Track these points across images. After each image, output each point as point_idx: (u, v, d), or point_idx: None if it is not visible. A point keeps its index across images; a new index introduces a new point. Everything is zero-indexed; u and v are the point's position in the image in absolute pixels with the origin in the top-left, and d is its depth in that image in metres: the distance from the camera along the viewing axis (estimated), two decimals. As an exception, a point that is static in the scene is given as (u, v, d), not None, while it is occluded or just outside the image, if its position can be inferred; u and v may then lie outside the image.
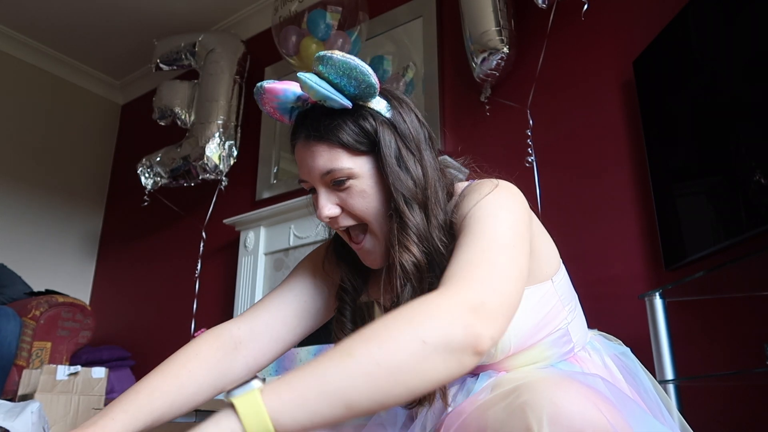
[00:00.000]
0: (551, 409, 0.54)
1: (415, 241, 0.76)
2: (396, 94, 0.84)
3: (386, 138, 0.78)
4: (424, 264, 0.76)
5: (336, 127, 0.77)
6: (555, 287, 0.82)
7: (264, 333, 0.88)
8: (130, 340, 3.37)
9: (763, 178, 1.38)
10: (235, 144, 3.04)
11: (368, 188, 0.79)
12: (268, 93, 0.80)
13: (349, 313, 0.88)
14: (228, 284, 2.99)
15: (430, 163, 0.81)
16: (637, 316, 1.67)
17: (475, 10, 2.13)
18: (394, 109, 0.81)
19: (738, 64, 1.53)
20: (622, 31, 2.08)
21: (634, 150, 1.94)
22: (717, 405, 1.60)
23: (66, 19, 3.56)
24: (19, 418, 1.65)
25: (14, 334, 2.65)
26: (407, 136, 0.80)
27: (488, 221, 0.72)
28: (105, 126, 4.22)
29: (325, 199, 0.81)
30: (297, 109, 0.82)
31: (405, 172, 0.78)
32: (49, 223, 3.76)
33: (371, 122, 0.78)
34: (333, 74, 0.74)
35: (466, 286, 0.63)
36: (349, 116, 0.78)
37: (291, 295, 0.92)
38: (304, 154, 0.80)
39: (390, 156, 0.78)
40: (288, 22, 2.57)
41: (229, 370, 0.85)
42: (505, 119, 2.23)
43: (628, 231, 1.90)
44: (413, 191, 0.77)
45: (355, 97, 0.78)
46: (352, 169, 0.78)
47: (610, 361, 0.87)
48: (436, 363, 0.57)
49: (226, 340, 0.85)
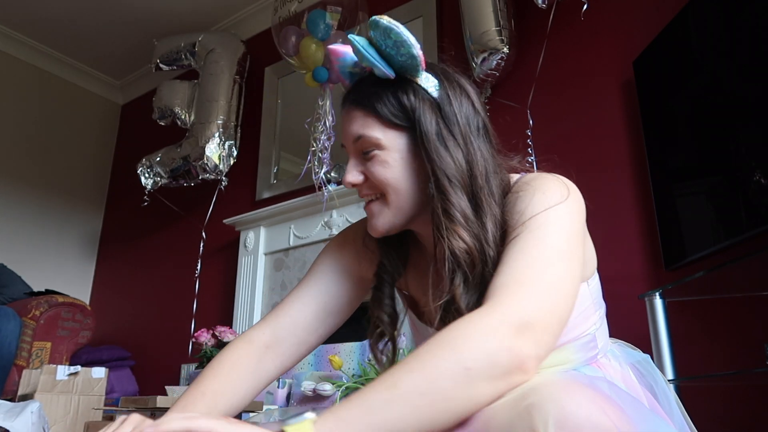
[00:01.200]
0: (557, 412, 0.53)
1: (462, 224, 0.72)
2: (453, 76, 0.81)
3: (426, 116, 0.75)
4: (475, 250, 0.72)
5: (374, 95, 0.77)
6: (590, 290, 0.82)
7: (286, 338, 0.88)
8: (130, 340, 3.37)
9: (763, 178, 1.38)
10: (235, 144, 3.04)
11: (392, 161, 0.77)
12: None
13: (387, 289, 0.86)
14: (228, 284, 2.99)
15: (480, 152, 0.76)
16: (637, 316, 1.67)
17: (475, 10, 2.13)
18: (443, 90, 0.78)
19: (738, 64, 1.53)
20: (622, 31, 2.08)
21: (634, 150, 1.94)
22: (717, 405, 1.60)
23: (66, 19, 3.56)
24: (19, 418, 1.65)
25: (14, 334, 2.65)
26: (451, 119, 0.76)
27: (544, 228, 0.68)
28: (105, 126, 4.22)
29: (352, 165, 0.80)
30: (356, 75, 0.82)
31: (446, 152, 0.74)
32: (49, 223, 3.76)
33: (411, 98, 0.76)
34: (381, 41, 0.73)
35: (511, 303, 0.60)
36: (391, 87, 0.77)
37: (309, 296, 0.90)
38: (345, 118, 0.81)
39: (430, 133, 0.75)
40: (288, 22, 2.57)
41: (264, 374, 0.87)
42: (506, 119, 2.23)
43: (628, 231, 1.90)
44: (456, 173, 0.74)
45: (401, 68, 0.76)
46: (381, 140, 0.76)
47: (629, 370, 0.87)
48: (481, 388, 0.56)
49: (255, 346, 0.86)
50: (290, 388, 2.07)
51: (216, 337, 2.41)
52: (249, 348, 0.86)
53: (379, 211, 0.79)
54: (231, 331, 2.43)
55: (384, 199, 0.79)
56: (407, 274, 0.90)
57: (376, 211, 0.79)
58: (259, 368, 0.86)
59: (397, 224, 0.80)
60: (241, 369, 0.84)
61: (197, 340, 2.43)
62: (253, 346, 0.86)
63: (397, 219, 0.79)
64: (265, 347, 0.87)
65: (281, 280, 2.75)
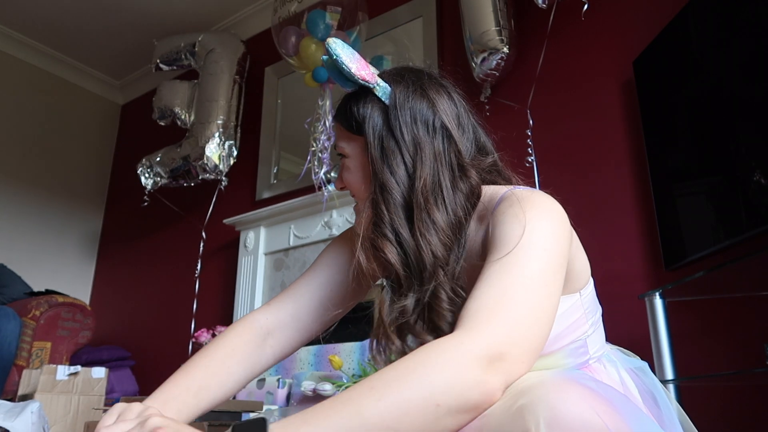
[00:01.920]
0: (548, 412, 0.53)
1: (389, 238, 0.75)
2: (410, 79, 0.81)
3: (372, 123, 0.79)
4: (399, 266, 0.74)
5: (340, 108, 0.84)
6: (582, 300, 0.81)
7: (289, 324, 0.89)
8: (130, 340, 3.37)
9: (763, 178, 1.38)
10: (235, 144, 3.04)
11: (353, 167, 0.83)
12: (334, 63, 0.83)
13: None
14: (228, 284, 2.99)
15: (430, 161, 0.76)
16: (637, 316, 1.67)
17: (475, 10, 2.13)
18: (392, 97, 0.79)
19: (738, 64, 1.53)
20: (622, 31, 2.08)
21: (634, 150, 1.94)
22: (717, 405, 1.60)
23: (66, 19, 3.56)
24: (19, 418, 1.65)
25: (14, 334, 2.65)
26: (396, 127, 0.77)
27: (524, 253, 0.67)
28: (105, 126, 4.22)
29: (340, 172, 0.86)
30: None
31: (384, 161, 0.77)
32: (49, 223, 3.76)
33: (361, 106, 0.80)
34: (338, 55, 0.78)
35: (484, 333, 0.60)
36: (352, 98, 0.82)
37: (316, 283, 0.92)
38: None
39: (373, 145, 0.78)
40: (287, 23, 2.57)
41: (259, 361, 0.87)
42: (506, 119, 2.23)
43: (628, 231, 1.90)
44: (390, 183, 0.76)
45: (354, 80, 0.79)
46: (345, 149, 0.83)
47: (626, 375, 0.86)
48: (448, 422, 0.56)
49: (256, 331, 0.87)
50: (290, 388, 2.07)
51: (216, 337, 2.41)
52: (250, 333, 0.86)
53: (357, 212, 0.86)
54: (231, 331, 2.43)
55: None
56: None
57: (356, 213, 0.87)
58: (256, 355, 0.86)
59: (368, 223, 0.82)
60: (237, 356, 0.84)
61: (197, 340, 2.43)
62: (254, 331, 0.87)
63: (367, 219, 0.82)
64: (266, 333, 0.88)
65: (281, 280, 2.75)
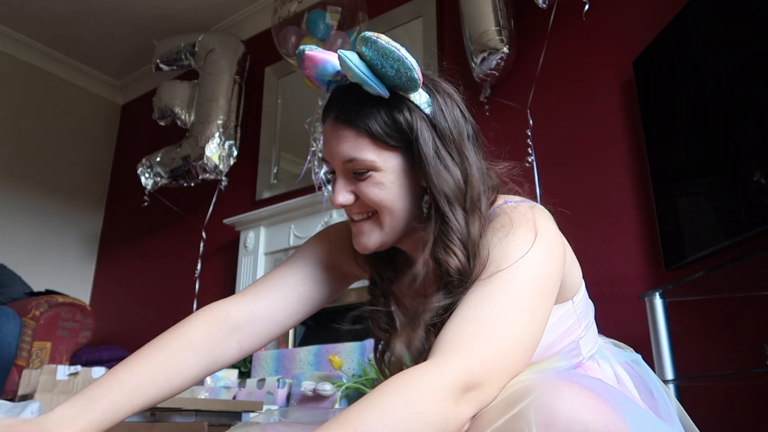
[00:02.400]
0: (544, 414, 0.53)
1: (458, 244, 0.71)
2: (440, 85, 0.78)
3: (423, 134, 0.72)
4: (466, 268, 0.70)
5: (367, 115, 0.72)
6: (575, 307, 0.80)
7: (264, 318, 0.84)
8: (130, 340, 3.37)
9: (763, 178, 1.38)
10: (235, 144, 3.04)
11: (388, 182, 0.74)
12: (307, 60, 0.75)
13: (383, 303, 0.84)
14: (228, 284, 2.99)
15: (474, 165, 0.75)
16: (637, 316, 1.67)
17: (475, 10, 2.13)
18: (435, 104, 0.75)
19: (738, 64, 1.53)
20: (622, 31, 2.08)
21: (634, 150, 1.94)
22: (717, 405, 1.60)
23: (66, 19, 3.56)
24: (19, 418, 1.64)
25: (14, 334, 2.65)
26: (447, 135, 0.74)
27: (511, 276, 0.65)
28: (105, 126, 4.22)
29: (342, 185, 0.76)
30: (335, 83, 0.78)
31: (445, 171, 0.72)
32: (49, 223, 3.76)
33: (407, 116, 0.73)
34: (375, 58, 0.69)
35: (460, 362, 0.58)
36: (384, 105, 0.73)
37: (296, 278, 0.87)
38: (330, 136, 0.76)
39: (428, 154, 0.72)
40: (287, 23, 2.57)
41: (221, 355, 0.82)
42: (506, 119, 2.23)
43: (628, 231, 1.90)
44: (455, 192, 0.72)
45: (394, 86, 0.72)
46: (376, 162, 0.73)
47: (620, 369, 0.85)
48: None
49: (222, 323, 0.82)
50: (290, 388, 2.07)
51: (216, 337, 2.41)
52: (214, 325, 0.81)
53: (370, 230, 0.77)
54: (231, 331, 2.43)
55: (376, 219, 0.77)
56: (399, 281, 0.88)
57: (367, 230, 0.77)
58: (219, 348, 0.81)
59: (388, 243, 0.78)
60: (195, 348, 0.78)
61: (197, 340, 2.43)
62: (217, 324, 0.81)
63: (389, 238, 0.77)
64: (235, 326, 0.82)
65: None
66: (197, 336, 0.80)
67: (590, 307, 0.86)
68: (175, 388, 0.77)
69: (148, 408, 0.76)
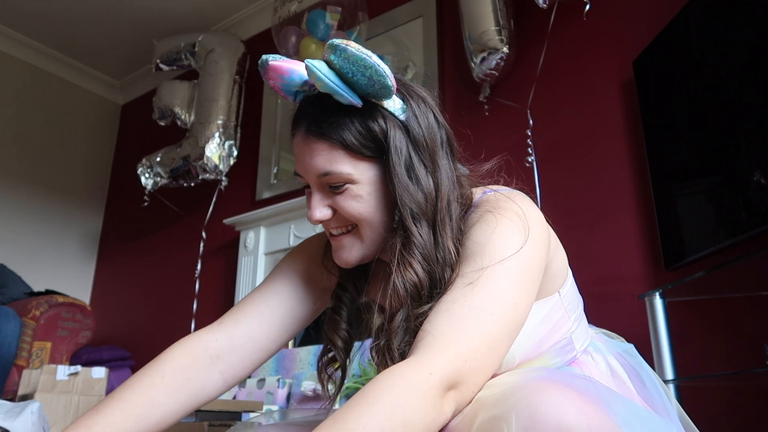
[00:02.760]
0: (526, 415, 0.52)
1: (419, 259, 0.69)
2: (413, 89, 0.75)
3: (397, 144, 0.70)
4: (425, 284, 0.69)
5: (340, 126, 0.70)
6: (562, 299, 0.79)
7: (245, 345, 0.80)
8: (130, 340, 3.37)
9: (763, 178, 1.38)
10: (235, 144, 3.04)
11: (366, 194, 0.72)
12: (272, 71, 0.72)
13: (345, 313, 0.82)
14: (228, 284, 2.99)
15: (445, 173, 0.73)
16: (637, 316, 1.67)
17: (475, 10, 2.13)
18: (409, 110, 0.73)
19: (738, 64, 1.53)
20: (622, 31, 2.08)
21: (634, 150, 1.94)
22: (717, 405, 1.60)
23: (66, 19, 3.56)
24: (19, 418, 1.65)
25: (14, 334, 2.65)
26: (421, 142, 0.72)
27: (491, 270, 0.64)
28: (105, 126, 4.22)
29: (318, 200, 0.74)
30: (302, 93, 0.75)
31: (415, 185, 0.70)
32: (49, 223, 3.76)
33: (381, 124, 0.70)
34: (345, 66, 0.67)
35: (439, 360, 0.58)
36: (357, 115, 0.70)
37: (276, 299, 0.83)
38: (302, 149, 0.73)
39: (399, 165, 0.70)
40: (288, 23, 2.57)
41: (202, 388, 0.78)
42: (506, 119, 2.23)
43: (628, 231, 1.90)
44: (422, 206, 0.70)
45: (366, 94, 0.70)
46: (352, 175, 0.71)
47: (613, 360, 0.84)
48: None
49: (199, 354, 0.78)
50: (290, 388, 2.07)
51: (216, 337, 2.41)
52: (190, 357, 0.77)
53: (351, 244, 0.75)
54: (231, 331, 2.43)
55: (356, 232, 0.75)
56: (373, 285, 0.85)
57: (348, 244, 0.75)
58: (198, 381, 0.77)
59: (370, 254, 0.76)
60: (168, 384, 0.74)
61: (197, 340, 2.43)
62: (193, 355, 0.77)
63: (370, 251, 0.75)
64: (215, 356, 0.78)
65: (281, 280, 2.75)
66: (170, 369, 0.76)
67: (579, 301, 0.84)
68: (153, 427, 0.73)
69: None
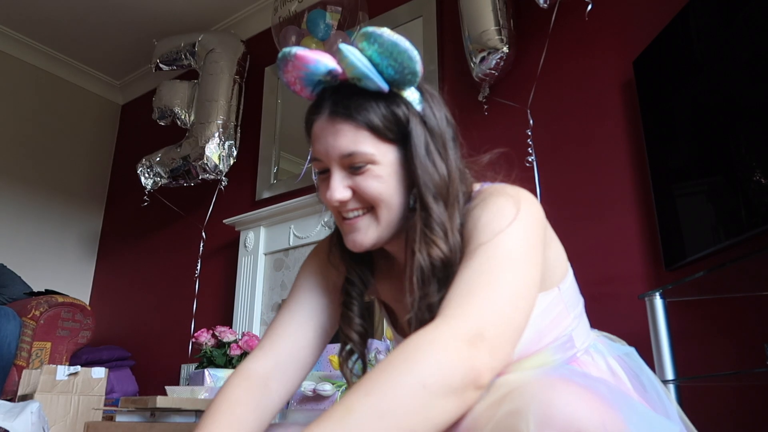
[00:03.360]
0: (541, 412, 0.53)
1: (440, 236, 0.73)
2: (429, 87, 0.80)
3: (416, 129, 0.75)
4: (450, 258, 0.72)
5: (366, 108, 0.73)
6: (561, 294, 0.81)
7: (289, 363, 0.84)
8: (130, 340, 3.37)
9: (763, 178, 1.38)
10: (235, 144, 3.04)
11: (386, 176, 0.75)
12: (297, 60, 0.74)
13: (356, 307, 0.84)
14: (228, 284, 2.99)
15: (455, 162, 0.78)
16: (637, 316, 1.67)
17: (475, 10, 2.12)
18: (425, 103, 0.78)
19: (738, 64, 1.53)
20: (622, 31, 2.08)
21: (634, 150, 1.94)
22: (717, 405, 1.60)
23: (66, 19, 3.56)
24: (19, 418, 1.65)
25: (14, 334, 2.65)
26: (436, 132, 0.77)
27: (496, 239, 0.68)
28: (105, 126, 4.22)
29: (339, 181, 0.76)
30: (323, 84, 0.77)
31: (432, 167, 0.75)
32: (49, 223, 3.76)
33: (404, 110, 0.75)
34: (376, 54, 0.71)
35: (462, 316, 0.60)
36: (381, 100, 0.74)
37: (305, 315, 0.87)
38: (325, 131, 0.75)
39: (420, 148, 0.74)
40: (288, 22, 2.57)
41: (269, 406, 0.82)
42: (505, 119, 2.23)
43: (628, 231, 1.90)
44: (440, 187, 0.74)
45: (392, 81, 0.74)
46: (375, 155, 0.74)
47: (614, 363, 0.85)
48: (438, 407, 0.55)
49: (255, 380, 0.81)
50: (290, 388, 2.07)
51: (216, 337, 2.41)
52: (248, 384, 0.80)
53: (367, 226, 0.77)
54: (231, 331, 2.43)
55: (373, 214, 0.77)
56: (379, 285, 0.89)
57: (364, 226, 0.77)
58: (262, 404, 0.80)
59: (384, 238, 0.78)
60: (243, 410, 0.78)
61: (197, 340, 2.43)
62: (252, 381, 0.81)
63: (385, 233, 0.77)
64: (266, 378, 0.82)
65: (281, 280, 2.75)
66: (242, 396, 0.79)
67: (580, 300, 0.86)
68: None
69: None
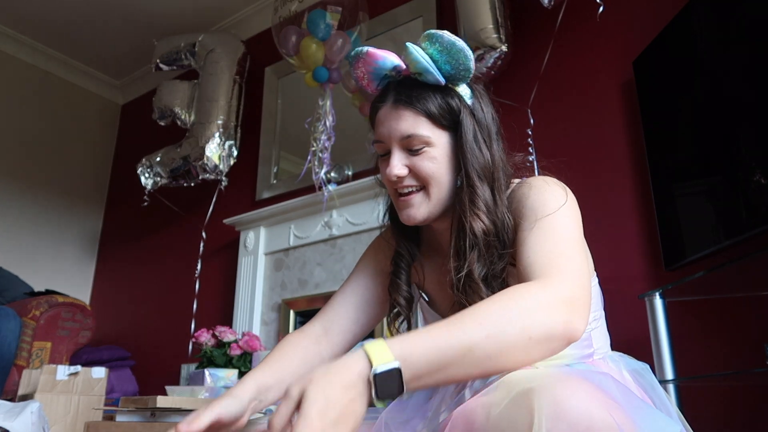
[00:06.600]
0: (554, 407, 0.54)
1: (483, 210, 0.85)
2: (479, 87, 0.93)
3: (466, 119, 0.88)
4: (491, 232, 0.84)
5: (425, 98, 0.86)
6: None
7: (335, 330, 0.99)
8: (130, 340, 3.37)
9: (763, 178, 1.38)
10: (235, 144, 3.04)
11: (440, 157, 0.87)
12: (369, 56, 0.89)
13: (404, 276, 0.97)
14: (228, 284, 2.99)
15: (498, 153, 0.90)
16: (637, 316, 1.67)
17: (472, 8, 2.12)
18: (475, 99, 0.91)
19: (738, 64, 1.53)
20: (622, 31, 2.08)
21: (634, 150, 1.94)
22: (717, 405, 1.60)
23: (66, 19, 3.56)
24: (19, 418, 1.65)
25: (14, 334, 2.65)
26: (483, 124, 0.90)
27: (557, 218, 0.79)
28: (105, 126, 4.22)
29: (398, 159, 0.88)
30: (388, 78, 0.91)
31: (479, 151, 0.87)
32: (49, 223, 3.76)
33: (457, 102, 0.88)
34: (436, 52, 0.84)
35: (558, 282, 0.70)
36: (438, 92, 0.87)
37: (351, 290, 1.02)
38: (389, 116, 0.88)
39: (469, 134, 0.87)
40: (288, 22, 2.57)
41: (319, 355, 0.97)
42: (506, 118, 2.22)
43: (628, 231, 1.90)
44: (486, 170, 0.87)
45: (448, 76, 0.87)
46: (430, 138, 0.87)
47: (627, 375, 0.88)
48: (534, 353, 0.66)
49: (311, 337, 0.98)
50: (290, 388, 2.07)
51: (216, 337, 2.41)
52: (305, 336, 0.98)
53: (420, 202, 0.89)
54: (231, 331, 2.43)
55: (425, 191, 0.89)
56: (422, 270, 1.00)
57: (417, 202, 0.89)
58: (313, 352, 0.96)
59: (434, 214, 0.89)
60: (304, 351, 0.95)
61: (197, 340, 2.43)
62: (309, 337, 0.97)
63: (435, 209, 0.89)
64: (318, 337, 0.98)
65: (281, 280, 2.75)
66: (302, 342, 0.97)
67: (600, 305, 0.94)
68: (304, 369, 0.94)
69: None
